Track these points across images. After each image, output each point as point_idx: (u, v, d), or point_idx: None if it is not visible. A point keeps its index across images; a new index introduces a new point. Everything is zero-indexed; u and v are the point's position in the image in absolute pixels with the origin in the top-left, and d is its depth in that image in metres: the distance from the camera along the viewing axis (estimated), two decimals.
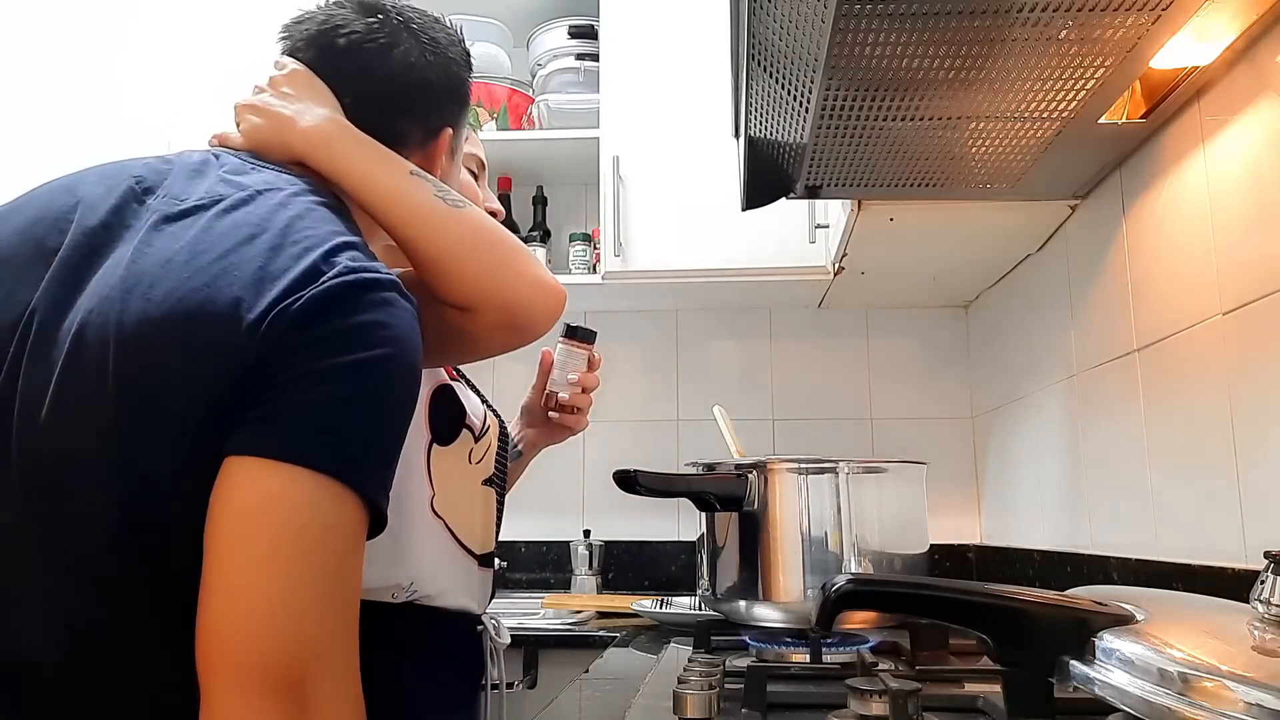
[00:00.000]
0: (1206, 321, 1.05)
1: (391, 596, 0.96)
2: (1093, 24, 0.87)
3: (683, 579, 2.13)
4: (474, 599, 1.06)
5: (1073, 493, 1.47)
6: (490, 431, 1.07)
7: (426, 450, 0.98)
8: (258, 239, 0.66)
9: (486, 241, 0.86)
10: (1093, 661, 0.61)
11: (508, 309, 0.86)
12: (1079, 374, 1.44)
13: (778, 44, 0.97)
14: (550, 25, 2.23)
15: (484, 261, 0.85)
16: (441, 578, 1.00)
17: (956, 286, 2.02)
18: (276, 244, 0.66)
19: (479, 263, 0.84)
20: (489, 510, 1.08)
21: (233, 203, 0.70)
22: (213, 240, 0.66)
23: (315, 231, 0.68)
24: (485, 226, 0.87)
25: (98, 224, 0.69)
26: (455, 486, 1.02)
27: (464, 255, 0.84)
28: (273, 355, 0.61)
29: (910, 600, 0.72)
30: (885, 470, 1.24)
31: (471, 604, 1.06)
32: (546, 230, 2.21)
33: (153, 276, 0.64)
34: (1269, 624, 0.59)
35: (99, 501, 0.61)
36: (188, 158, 0.82)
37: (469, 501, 1.04)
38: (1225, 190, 1.01)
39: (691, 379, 2.26)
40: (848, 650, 1.07)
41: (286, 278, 0.63)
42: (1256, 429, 0.96)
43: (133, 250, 0.66)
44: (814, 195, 1.36)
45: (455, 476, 1.02)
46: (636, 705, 0.89)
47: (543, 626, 1.63)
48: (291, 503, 0.60)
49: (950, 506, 2.11)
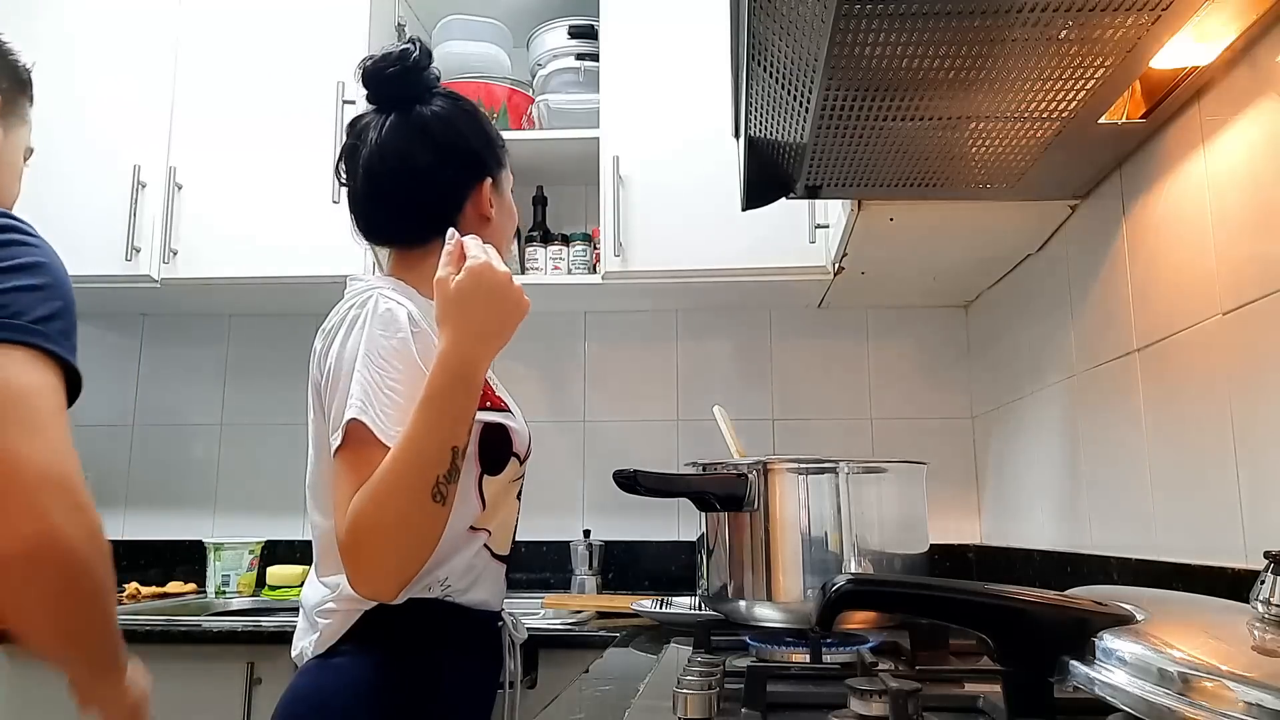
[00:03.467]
0: (1206, 321, 1.05)
1: (428, 590, 1.04)
2: (1093, 24, 0.87)
3: (683, 579, 2.13)
4: (497, 596, 1.14)
5: (1073, 493, 1.47)
6: (529, 450, 1.17)
7: (478, 480, 1.08)
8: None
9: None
10: (1093, 661, 0.61)
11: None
12: (1079, 374, 1.44)
13: (778, 44, 0.97)
14: (550, 25, 2.22)
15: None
16: (470, 576, 1.08)
17: (956, 286, 2.02)
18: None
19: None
20: (514, 514, 1.18)
21: None
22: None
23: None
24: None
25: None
26: (500, 503, 1.12)
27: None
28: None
29: (910, 600, 0.72)
30: (885, 470, 1.24)
31: (493, 600, 1.13)
32: (546, 230, 2.21)
33: None
34: (1269, 624, 0.59)
35: None
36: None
37: (506, 512, 1.15)
38: (1225, 190, 1.01)
39: (691, 379, 2.26)
40: (848, 650, 1.07)
41: None
42: (1256, 429, 0.96)
43: None
44: (814, 195, 1.36)
45: (500, 495, 1.12)
46: (636, 705, 0.89)
47: (543, 626, 1.62)
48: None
49: (950, 506, 2.11)
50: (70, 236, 2.05)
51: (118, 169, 2.05)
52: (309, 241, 1.99)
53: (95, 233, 2.01)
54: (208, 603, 1.99)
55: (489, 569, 1.11)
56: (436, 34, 2.27)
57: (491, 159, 1.20)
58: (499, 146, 1.22)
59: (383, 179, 1.13)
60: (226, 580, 2.04)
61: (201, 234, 2.03)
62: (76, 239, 2.04)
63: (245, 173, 2.05)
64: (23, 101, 1.11)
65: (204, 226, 2.03)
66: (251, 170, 2.05)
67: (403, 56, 1.13)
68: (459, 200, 1.15)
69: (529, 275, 2.10)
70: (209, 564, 2.05)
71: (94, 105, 2.11)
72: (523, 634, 1.19)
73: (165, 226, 2.00)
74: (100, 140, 2.08)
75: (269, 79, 2.09)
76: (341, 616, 1.02)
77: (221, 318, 2.41)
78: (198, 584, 2.10)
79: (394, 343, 1.00)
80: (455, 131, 1.15)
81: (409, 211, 1.14)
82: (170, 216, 2.02)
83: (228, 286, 2.05)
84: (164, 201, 2.02)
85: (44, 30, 2.16)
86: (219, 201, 2.05)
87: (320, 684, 1.00)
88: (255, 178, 2.05)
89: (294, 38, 2.10)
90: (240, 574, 2.04)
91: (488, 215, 1.18)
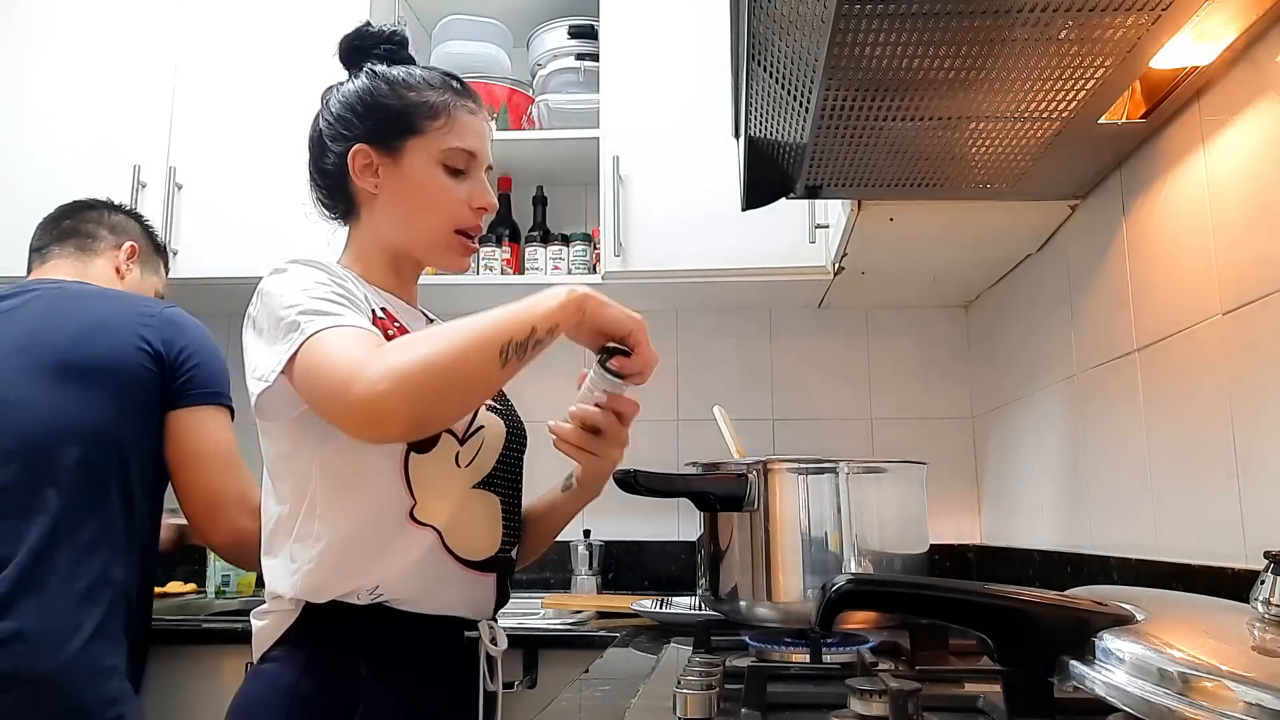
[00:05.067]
0: (1206, 321, 1.05)
1: (356, 598, 0.97)
2: (1093, 24, 0.87)
3: (683, 579, 2.13)
4: (466, 605, 1.05)
5: (1073, 493, 1.47)
6: (483, 431, 1.05)
7: (403, 459, 0.99)
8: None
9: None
10: (1093, 661, 0.61)
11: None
12: (1079, 374, 1.44)
13: (778, 44, 0.97)
14: (550, 25, 2.23)
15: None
16: (417, 584, 0.99)
17: (956, 286, 2.02)
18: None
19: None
20: (490, 515, 1.07)
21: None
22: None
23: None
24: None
25: None
26: (441, 492, 1.01)
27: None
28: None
29: (910, 600, 0.72)
30: (885, 470, 1.24)
31: (460, 610, 1.04)
32: (547, 230, 2.21)
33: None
34: (1269, 624, 0.59)
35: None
36: None
37: (460, 507, 1.03)
38: (1225, 190, 1.01)
39: (691, 379, 2.26)
40: (848, 650, 1.07)
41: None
42: (1256, 429, 0.96)
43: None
44: (814, 195, 1.36)
45: (440, 483, 1.01)
46: (636, 705, 0.89)
47: (543, 626, 1.62)
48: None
49: (950, 506, 2.11)
50: None
51: (118, 169, 2.05)
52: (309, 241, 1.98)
53: None
54: (208, 603, 1.98)
55: (453, 578, 1.02)
56: (436, 34, 2.27)
57: (377, 123, 1.09)
58: (410, 113, 1.09)
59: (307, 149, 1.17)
60: (226, 580, 2.04)
61: (201, 234, 2.03)
62: None
63: (245, 173, 2.05)
64: (156, 260, 1.63)
65: (204, 226, 2.03)
66: (252, 170, 2.05)
67: (355, 33, 1.15)
68: (342, 168, 1.10)
69: (529, 275, 2.10)
70: (209, 564, 2.05)
71: (94, 105, 2.11)
72: (501, 646, 1.08)
73: (165, 226, 2.00)
74: (100, 140, 2.08)
75: (269, 79, 2.09)
76: (275, 619, 0.99)
77: (221, 317, 2.40)
78: (198, 584, 2.10)
79: (318, 277, 0.98)
80: (353, 96, 1.11)
81: (312, 178, 1.16)
82: (170, 216, 2.02)
83: (228, 286, 2.05)
84: (164, 201, 2.02)
85: (44, 30, 2.16)
86: (219, 201, 2.05)
87: (248, 691, 0.98)
88: (255, 178, 2.04)
89: (294, 38, 2.10)
90: (240, 574, 2.04)
91: (365, 185, 1.10)
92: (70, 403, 1.27)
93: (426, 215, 1.10)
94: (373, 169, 1.10)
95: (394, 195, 1.10)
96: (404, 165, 1.09)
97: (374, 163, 1.10)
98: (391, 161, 1.09)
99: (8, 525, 1.21)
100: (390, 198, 1.10)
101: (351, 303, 0.97)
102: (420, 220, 1.11)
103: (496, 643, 1.08)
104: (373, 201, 1.11)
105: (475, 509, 1.05)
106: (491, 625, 1.09)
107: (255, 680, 0.98)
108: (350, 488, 0.97)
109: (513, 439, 1.12)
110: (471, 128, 1.13)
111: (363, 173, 1.10)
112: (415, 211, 1.11)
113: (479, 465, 1.05)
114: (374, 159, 1.09)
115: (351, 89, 1.12)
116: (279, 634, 0.98)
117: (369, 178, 1.10)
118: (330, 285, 0.98)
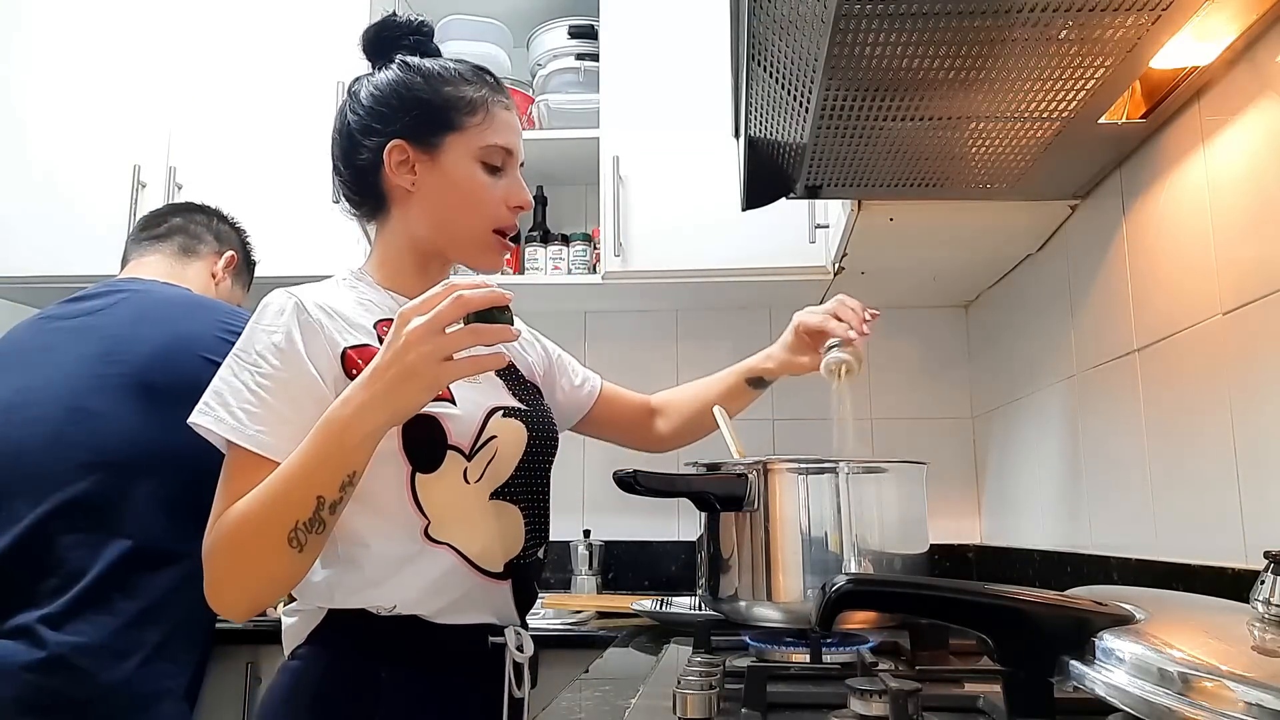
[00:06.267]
0: (1206, 321, 1.05)
1: (375, 611, 0.97)
2: (1093, 24, 0.87)
3: (683, 579, 2.14)
4: (490, 612, 1.03)
5: (1073, 493, 1.47)
6: (495, 440, 1.02)
7: (409, 479, 0.97)
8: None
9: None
10: (1093, 661, 0.61)
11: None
12: (1079, 374, 1.44)
13: (778, 44, 0.97)
14: (550, 25, 2.23)
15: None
16: (436, 601, 0.98)
17: (956, 286, 2.02)
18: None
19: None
20: (507, 523, 1.05)
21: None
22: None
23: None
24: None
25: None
26: (454, 509, 1.00)
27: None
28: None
29: (910, 600, 0.71)
30: (885, 470, 1.24)
31: (485, 617, 1.03)
32: (547, 230, 2.21)
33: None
34: (1269, 624, 0.59)
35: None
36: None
37: (476, 520, 1.01)
38: (1225, 190, 1.01)
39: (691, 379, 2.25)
40: (848, 650, 1.07)
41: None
42: (1256, 429, 0.96)
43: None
44: (814, 195, 1.36)
45: (451, 499, 0.99)
46: (636, 705, 0.89)
47: (543, 626, 1.62)
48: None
49: (950, 506, 2.11)
50: (70, 236, 2.06)
51: (118, 169, 2.05)
52: (309, 241, 1.99)
53: (95, 233, 2.01)
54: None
55: (475, 589, 1.00)
56: (436, 34, 2.23)
57: (414, 118, 1.06)
58: (448, 109, 1.06)
59: (331, 141, 1.12)
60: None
61: None
62: (76, 239, 2.05)
63: (245, 172, 2.05)
64: (247, 276, 1.61)
65: None
66: (251, 170, 2.05)
67: (381, 23, 1.13)
68: (375, 163, 1.06)
69: (529, 275, 2.10)
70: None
71: (94, 105, 2.11)
72: (527, 651, 1.05)
73: None
74: (100, 140, 2.08)
75: (269, 79, 2.09)
76: (302, 618, 0.99)
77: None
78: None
79: (275, 338, 0.94)
80: (386, 89, 1.07)
81: (339, 172, 1.11)
82: None
83: None
84: (164, 202, 2.02)
85: (44, 30, 2.16)
86: (219, 201, 2.04)
87: (275, 686, 0.98)
88: (255, 177, 2.05)
89: (294, 37, 2.10)
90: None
91: (400, 183, 1.06)
92: (153, 425, 1.25)
93: (466, 215, 1.07)
94: (409, 165, 1.06)
95: (431, 193, 1.07)
96: (442, 163, 1.06)
97: (410, 159, 1.06)
98: (429, 159, 1.06)
99: (81, 539, 1.20)
100: (427, 196, 1.07)
101: (284, 390, 0.93)
102: (459, 220, 1.08)
103: (523, 649, 1.04)
104: (407, 199, 1.07)
105: (493, 520, 1.03)
106: (519, 631, 1.05)
107: (282, 676, 0.99)
108: (362, 509, 0.96)
109: (536, 444, 1.08)
110: (508, 123, 1.10)
111: (398, 169, 1.06)
112: (454, 211, 1.07)
113: (493, 475, 1.03)
114: (410, 155, 1.06)
115: (384, 80, 1.08)
116: (306, 633, 0.98)
117: (405, 174, 1.06)
118: (276, 372, 0.93)
